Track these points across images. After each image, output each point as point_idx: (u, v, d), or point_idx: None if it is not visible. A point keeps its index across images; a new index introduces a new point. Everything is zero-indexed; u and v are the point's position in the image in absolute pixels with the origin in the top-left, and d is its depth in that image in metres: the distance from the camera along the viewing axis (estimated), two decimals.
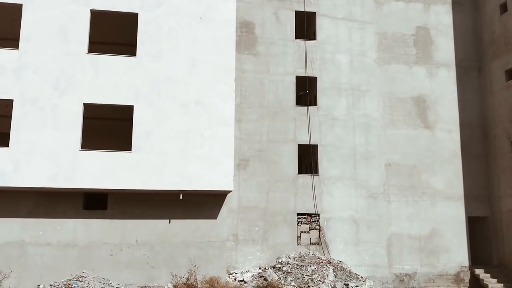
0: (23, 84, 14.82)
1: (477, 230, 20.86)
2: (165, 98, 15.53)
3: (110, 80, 15.34)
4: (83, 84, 15.18)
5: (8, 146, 14.50)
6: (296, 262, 16.46)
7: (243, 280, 16.30)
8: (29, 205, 15.30)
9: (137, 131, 15.21)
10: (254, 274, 16.56)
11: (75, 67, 15.23)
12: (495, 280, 19.26)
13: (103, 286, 12.46)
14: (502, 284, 19.03)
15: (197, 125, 15.55)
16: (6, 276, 13.60)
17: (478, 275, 19.58)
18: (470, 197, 20.51)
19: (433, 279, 19.40)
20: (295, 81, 19.76)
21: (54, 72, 15.07)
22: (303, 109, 19.66)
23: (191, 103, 15.64)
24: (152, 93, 15.47)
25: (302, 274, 15.46)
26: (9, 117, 14.80)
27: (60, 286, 11.87)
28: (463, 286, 19.63)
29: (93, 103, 15.29)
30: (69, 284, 11.85)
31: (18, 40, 15.23)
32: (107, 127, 18.11)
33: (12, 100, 14.72)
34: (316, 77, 19.99)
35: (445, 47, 21.40)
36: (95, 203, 16.11)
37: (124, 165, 14.94)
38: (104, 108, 16.04)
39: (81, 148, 14.92)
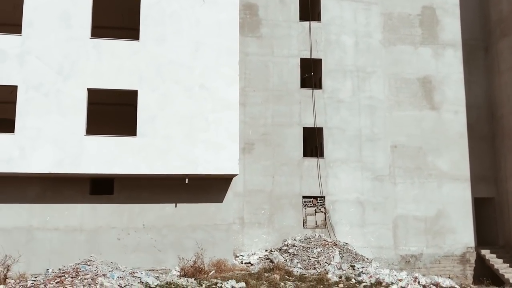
0: (26, 70, 14.78)
1: (483, 211, 20.83)
2: (169, 82, 15.46)
3: (113, 64, 15.27)
4: (87, 69, 15.12)
5: (13, 132, 14.53)
6: (302, 245, 16.54)
7: (249, 263, 16.43)
8: (36, 191, 15.40)
9: (141, 116, 15.18)
10: (261, 256, 16.67)
11: (78, 52, 15.15)
12: (501, 261, 19.29)
13: (111, 269, 12.56)
14: (507, 264, 19.06)
15: (202, 109, 15.49)
16: (15, 260, 13.75)
17: (484, 255, 19.61)
18: (476, 178, 20.44)
19: (439, 260, 19.47)
20: (299, 64, 19.61)
21: (57, 57, 15.01)
22: (308, 91, 19.54)
23: (195, 87, 15.56)
24: (156, 78, 15.40)
25: (308, 256, 15.54)
26: (14, 103, 14.79)
27: (68, 270, 11.97)
28: (469, 266, 19.69)
29: (97, 88, 15.25)
30: (77, 268, 11.95)
31: (20, 25, 15.13)
32: (112, 112, 18.08)
33: (16, 86, 14.70)
34: (321, 59, 19.82)
35: (451, 27, 21.12)
36: (101, 188, 16.18)
37: (129, 150, 14.96)
38: (108, 93, 16.00)
39: (86, 134, 14.93)
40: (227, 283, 12.70)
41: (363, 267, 14.37)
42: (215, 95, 15.61)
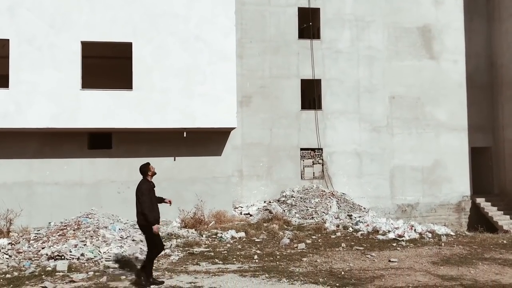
0: (18, 23, 14.43)
1: (480, 160, 21.02)
2: (164, 34, 15.15)
3: (106, 16, 14.90)
4: (80, 22, 14.77)
5: (8, 87, 14.37)
6: (300, 195, 16.77)
7: (249, 214, 16.70)
8: (35, 146, 15.41)
9: (137, 69, 14.98)
10: (259, 207, 16.94)
11: (70, 3, 14.73)
12: (495, 208, 19.67)
13: (112, 222, 12.77)
14: (502, 212, 19.45)
15: (198, 61, 15.27)
16: (17, 214, 13.94)
17: (479, 203, 19.97)
18: (473, 128, 20.50)
19: (434, 209, 19.83)
20: (297, 13, 19.17)
21: (49, 9, 14.62)
22: (306, 42, 19.22)
23: (191, 38, 15.27)
24: (151, 29, 15.08)
25: (306, 207, 15.79)
26: (6, 57, 14.54)
27: (70, 223, 12.16)
28: (464, 215, 20.08)
29: (91, 41, 14.96)
30: (79, 221, 12.13)
31: None
32: (107, 66, 17.81)
33: (8, 40, 14.40)
34: (319, 8, 19.38)
35: None
36: (99, 142, 16.21)
37: (126, 104, 14.86)
38: (102, 46, 15.72)
39: (82, 88, 14.77)
40: (227, 233, 12.95)
41: (360, 216, 14.63)
42: (211, 47, 15.35)
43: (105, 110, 14.73)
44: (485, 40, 20.89)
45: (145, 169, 8.26)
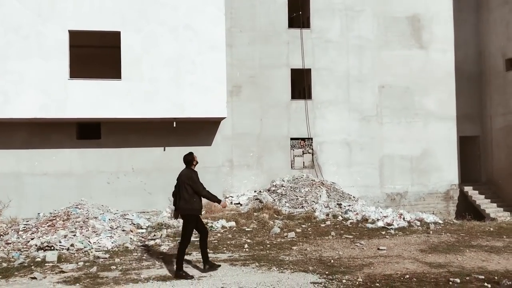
0: (4, 12, 14.22)
1: (468, 149, 21.23)
2: (153, 23, 15.02)
3: (94, 4, 14.73)
4: (67, 10, 14.58)
5: None
6: (290, 185, 16.83)
7: (239, 203, 16.74)
8: (23, 136, 15.28)
9: (126, 59, 14.86)
10: (250, 197, 16.98)
11: None
12: (482, 197, 19.92)
13: (102, 212, 12.74)
14: (489, 200, 19.71)
15: (188, 50, 15.18)
16: (6, 205, 13.85)
17: (467, 192, 20.21)
18: (462, 117, 20.67)
19: (423, 197, 20.03)
20: (287, 2, 19.08)
21: None
22: (296, 31, 19.17)
23: (180, 27, 15.16)
24: (139, 18, 14.94)
25: (296, 196, 15.86)
26: None
27: (59, 213, 12.11)
28: (452, 203, 20.32)
29: (79, 30, 14.80)
30: (68, 212, 12.08)
31: None
32: (96, 55, 17.64)
33: None
34: None
35: None
36: (88, 132, 16.12)
37: (115, 93, 14.76)
38: (90, 35, 15.56)
39: (70, 77, 14.64)
40: (217, 222, 12.99)
41: (349, 205, 14.73)
42: (201, 36, 15.26)
43: (94, 100, 14.63)
44: (474, 29, 20.99)
45: (190, 159, 8.38)
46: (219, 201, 8.22)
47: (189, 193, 7.97)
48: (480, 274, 7.76)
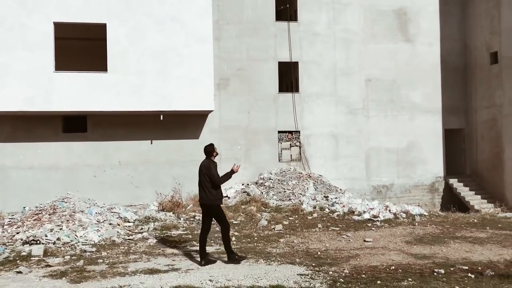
0: None
1: (453, 142, 21.48)
2: (140, 15, 14.90)
3: None
4: (52, 2, 14.39)
5: None
6: (278, 178, 16.90)
7: (227, 196, 16.74)
8: (7, 130, 15.11)
9: (112, 51, 14.74)
10: (238, 190, 17.00)
11: None
12: (467, 189, 20.19)
13: (88, 206, 12.67)
14: (473, 192, 19.98)
15: (174, 43, 15.09)
16: None
17: (452, 184, 20.46)
18: (447, 110, 20.88)
19: (409, 190, 20.24)
20: None
21: None
22: (283, 24, 19.14)
23: (167, 20, 15.06)
24: (125, 10, 14.80)
25: (284, 188, 15.93)
26: None
27: (45, 207, 12.01)
28: (437, 195, 20.56)
29: (64, 22, 14.62)
30: (54, 205, 11.99)
31: None
32: (81, 47, 17.46)
33: None
34: None
35: None
36: (74, 126, 15.98)
37: (101, 86, 14.64)
38: (76, 27, 15.39)
39: (56, 70, 14.48)
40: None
41: (336, 198, 14.84)
42: (187, 29, 15.17)
43: (80, 92, 14.50)
44: (460, 23, 21.16)
45: (210, 149, 8.45)
46: (232, 172, 8.21)
47: (208, 184, 8.15)
48: (464, 265, 7.89)
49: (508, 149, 19.12)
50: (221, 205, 8.29)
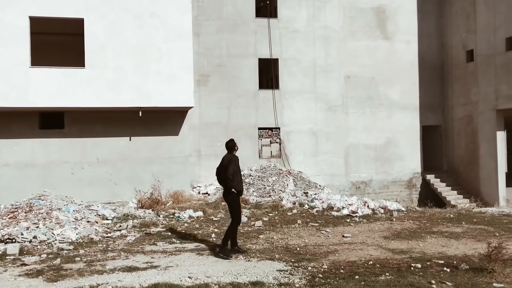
0: None
1: (430, 138, 21.83)
2: (118, 9, 14.70)
3: None
4: None
5: None
6: (258, 174, 16.92)
7: (207, 193, 16.73)
8: None
9: (89, 46, 14.51)
10: (218, 186, 16.95)
11: None
12: (443, 184, 20.56)
13: (66, 203, 12.48)
14: (449, 188, 20.37)
15: (153, 38, 14.94)
16: None
17: (429, 180, 20.81)
18: (425, 107, 21.21)
19: (387, 186, 20.51)
20: None
21: None
22: (263, 21, 19.15)
23: (146, 15, 14.89)
24: (103, 4, 14.58)
25: (264, 185, 15.96)
26: None
27: (22, 205, 11.79)
28: (415, 191, 20.89)
29: (40, 16, 14.33)
30: (31, 203, 11.78)
31: None
32: (58, 42, 17.14)
33: None
34: None
35: None
36: (51, 122, 15.69)
37: (78, 82, 14.41)
38: (52, 21, 15.10)
39: (32, 65, 14.19)
40: (184, 212, 12.94)
41: (315, 194, 14.94)
42: (167, 24, 15.04)
43: (57, 88, 14.25)
44: (437, 21, 21.49)
45: (231, 145, 9.09)
46: (233, 191, 8.53)
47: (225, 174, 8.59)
48: (440, 259, 8.03)
49: (483, 145, 19.52)
50: (240, 196, 8.71)
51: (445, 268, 7.43)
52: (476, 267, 7.40)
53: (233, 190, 8.46)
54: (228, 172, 8.51)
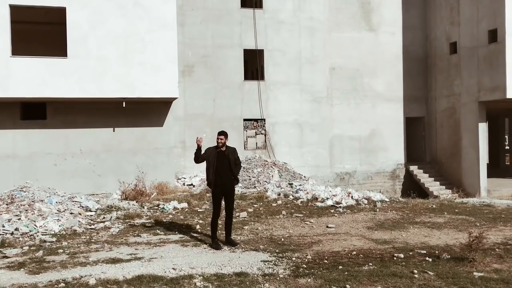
0: None
1: (414, 130, 22.05)
2: None
3: None
4: None
5: None
6: (243, 165, 16.90)
7: (191, 184, 16.68)
8: None
9: (72, 36, 14.28)
10: (203, 178, 16.91)
11: None
12: (426, 175, 20.81)
13: (48, 195, 12.33)
14: (432, 179, 20.62)
15: (137, 28, 14.76)
16: None
17: (412, 171, 21.04)
18: (408, 99, 21.38)
19: (371, 177, 20.68)
20: None
21: None
22: (248, 11, 19.04)
23: (129, 4, 14.70)
24: None
25: (249, 176, 15.97)
26: None
27: (3, 197, 11.62)
28: (398, 182, 21.11)
29: (20, 5, 14.04)
30: (12, 195, 11.61)
31: None
32: (40, 32, 16.84)
33: None
34: None
35: None
36: (33, 113, 15.46)
37: (60, 72, 14.19)
38: (34, 10, 14.81)
39: (12, 55, 13.93)
40: (169, 204, 12.88)
41: (300, 185, 14.99)
42: (150, 14, 14.86)
43: (38, 78, 14.02)
44: (421, 13, 21.60)
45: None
46: (198, 147, 8.65)
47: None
48: (422, 249, 8.13)
49: (465, 136, 19.78)
50: (210, 189, 8.83)
51: (427, 258, 7.52)
52: (458, 256, 7.51)
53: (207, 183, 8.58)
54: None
